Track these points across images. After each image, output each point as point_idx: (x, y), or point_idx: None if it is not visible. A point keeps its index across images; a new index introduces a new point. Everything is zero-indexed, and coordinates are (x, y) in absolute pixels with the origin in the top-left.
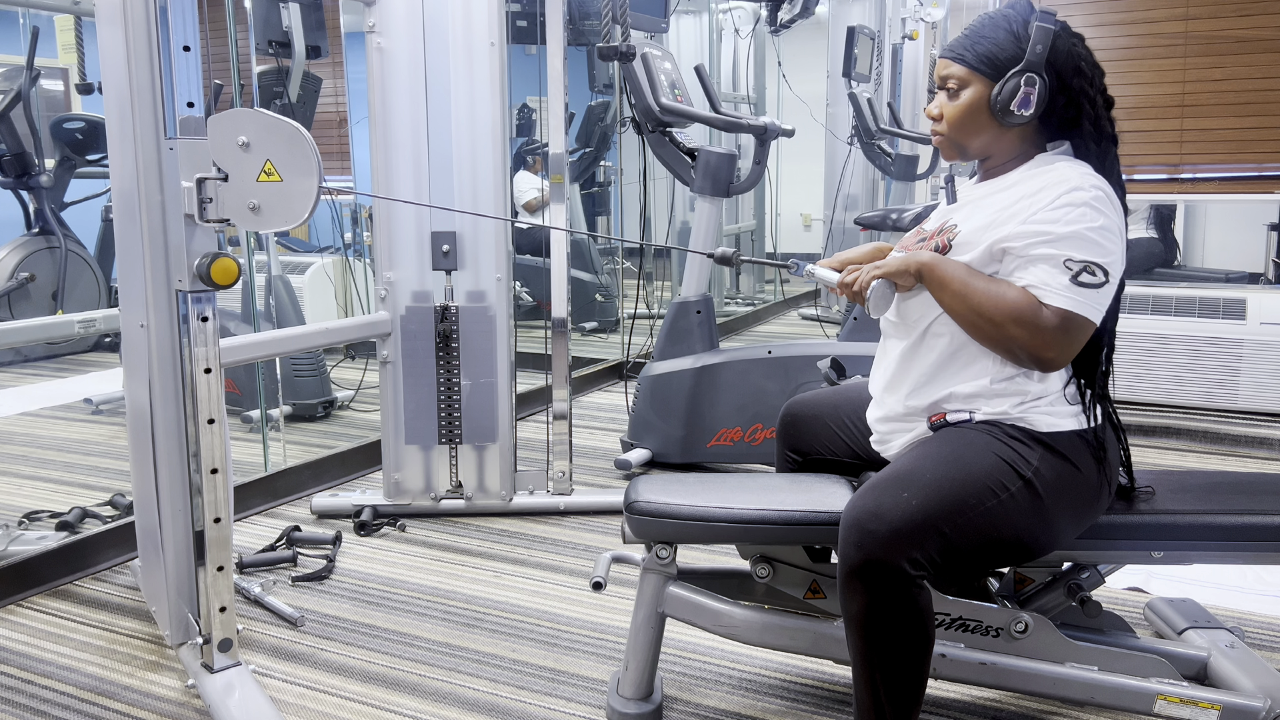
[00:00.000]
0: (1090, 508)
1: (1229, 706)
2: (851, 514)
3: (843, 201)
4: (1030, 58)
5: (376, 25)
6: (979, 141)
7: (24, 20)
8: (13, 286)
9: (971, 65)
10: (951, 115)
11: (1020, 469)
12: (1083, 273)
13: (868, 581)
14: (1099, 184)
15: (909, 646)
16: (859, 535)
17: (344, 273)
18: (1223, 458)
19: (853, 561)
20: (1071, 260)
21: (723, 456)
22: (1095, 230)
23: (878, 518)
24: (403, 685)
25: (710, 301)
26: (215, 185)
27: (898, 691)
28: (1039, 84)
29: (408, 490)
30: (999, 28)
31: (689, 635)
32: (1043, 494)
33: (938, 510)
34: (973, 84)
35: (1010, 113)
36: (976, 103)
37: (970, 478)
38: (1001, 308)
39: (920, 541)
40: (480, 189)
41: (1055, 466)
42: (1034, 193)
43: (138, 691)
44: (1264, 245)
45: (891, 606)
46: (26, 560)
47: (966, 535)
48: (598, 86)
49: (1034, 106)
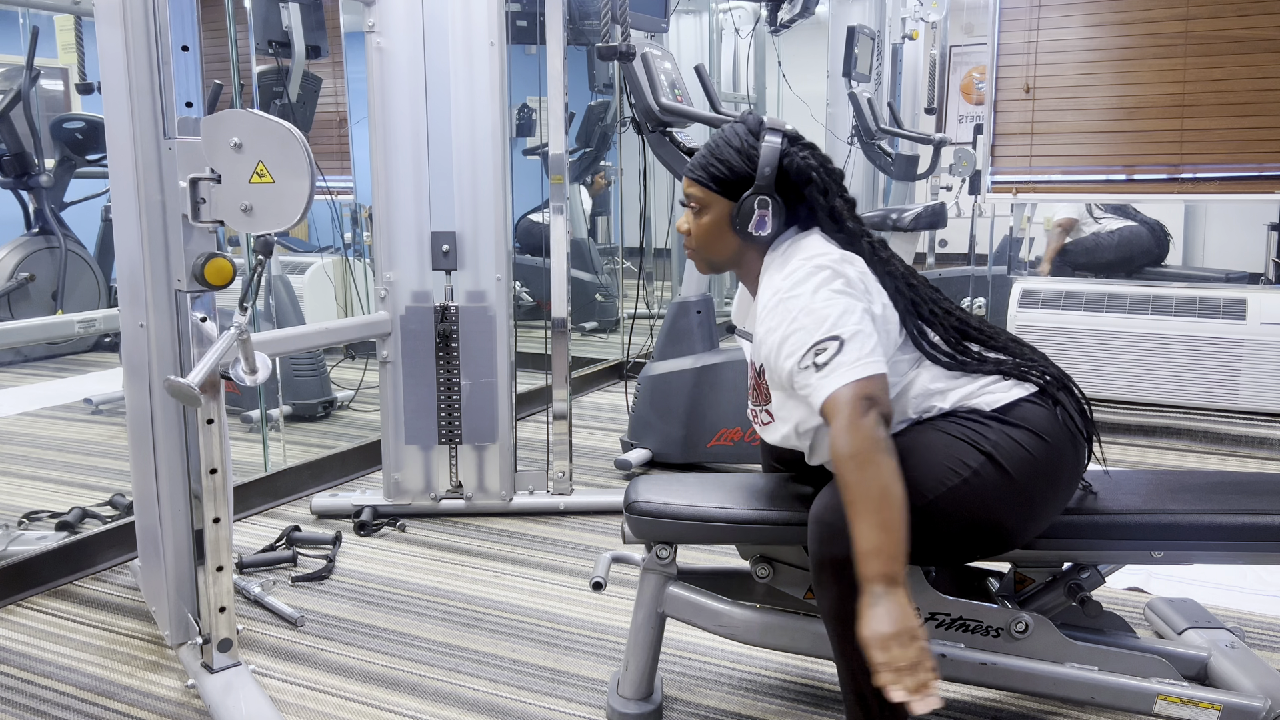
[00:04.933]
0: (1064, 474)
1: (1229, 706)
2: (816, 509)
3: None
4: (759, 181)
5: (376, 25)
6: (725, 254)
7: (24, 20)
8: (13, 286)
9: (709, 186)
10: (698, 234)
11: (980, 445)
12: (812, 355)
13: (835, 575)
14: (814, 250)
15: None
16: (823, 531)
17: (344, 273)
18: (1223, 458)
19: (819, 557)
20: (803, 364)
21: (723, 456)
22: (800, 314)
23: (837, 511)
24: (403, 685)
25: (710, 301)
26: (209, 186)
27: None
28: (771, 204)
29: (408, 490)
30: (730, 145)
31: (689, 635)
32: (1009, 468)
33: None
34: (713, 205)
35: (749, 234)
36: (719, 222)
37: (926, 461)
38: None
39: None
40: (480, 189)
41: (1016, 436)
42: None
43: (138, 691)
44: (1264, 245)
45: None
46: (26, 560)
47: (936, 523)
48: (598, 86)
49: (769, 226)
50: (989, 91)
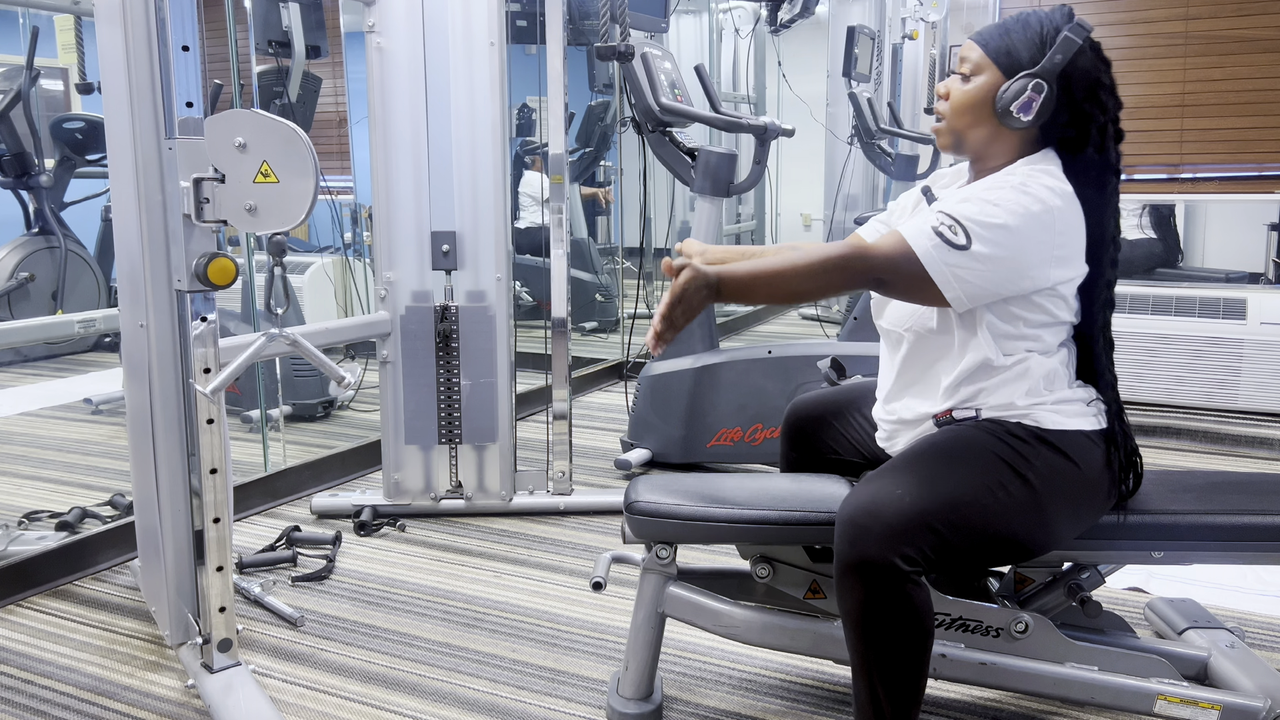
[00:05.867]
0: (1090, 508)
1: (1229, 706)
2: (845, 511)
3: (843, 201)
4: (1045, 64)
5: (376, 25)
6: (976, 135)
7: (24, 20)
8: (13, 286)
9: (990, 54)
10: (956, 99)
11: (1018, 467)
12: (943, 227)
13: (862, 578)
14: (1052, 186)
15: (906, 643)
16: (853, 532)
17: (344, 272)
18: (1223, 458)
19: (847, 558)
20: (943, 213)
21: (723, 456)
22: (994, 201)
23: (871, 514)
24: (403, 685)
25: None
26: (213, 186)
27: (896, 688)
28: (1045, 92)
29: (408, 490)
30: (1029, 27)
31: (689, 635)
32: (1040, 492)
33: (932, 507)
34: (985, 72)
35: (1009, 114)
36: (983, 93)
37: (966, 475)
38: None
39: (913, 538)
40: (480, 189)
41: (1055, 464)
42: (990, 181)
43: (138, 691)
44: (1264, 245)
45: (886, 603)
46: (26, 560)
47: (961, 532)
48: (598, 86)
49: (1033, 114)
50: None
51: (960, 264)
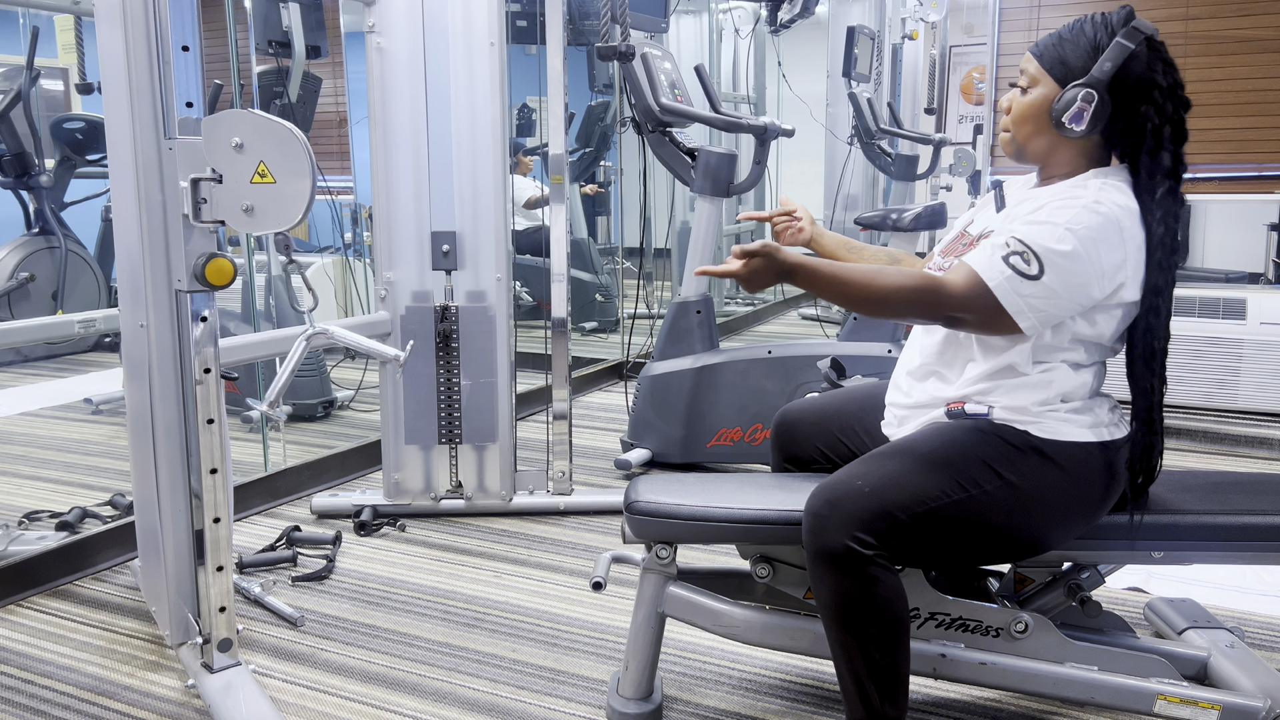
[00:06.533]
0: (1080, 514)
1: (1229, 706)
2: (809, 504)
3: (843, 201)
4: (1095, 73)
5: (376, 25)
6: (1036, 145)
7: (24, 20)
8: (13, 286)
9: (1044, 65)
10: (1016, 112)
11: (998, 467)
12: (1014, 255)
13: (828, 567)
14: (1123, 205)
15: (880, 627)
16: (813, 522)
17: (344, 273)
18: (1223, 458)
19: (811, 549)
20: (1015, 239)
21: (723, 456)
22: (1066, 225)
23: (830, 504)
24: (403, 685)
25: (710, 301)
26: (210, 187)
27: (880, 674)
28: (1096, 102)
29: (408, 490)
30: (1083, 35)
31: (689, 635)
32: (1023, 492)
33: (893, 497)
34: (1041, 84)
35: (1064, 125)
36: (1040, 105)
37: (936, 470)
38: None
39: (869, 524)
40: (480, 189)
41: (1041, 471)
42: (1057, 195)
43: (138, 691)
44: (1264, 245)
45: (854, 588)
46: (26, 560)
47: (925, 522)
48: (598, 86)
49: (1085, 123)
50: (989, 91)
51: (1034, 294)
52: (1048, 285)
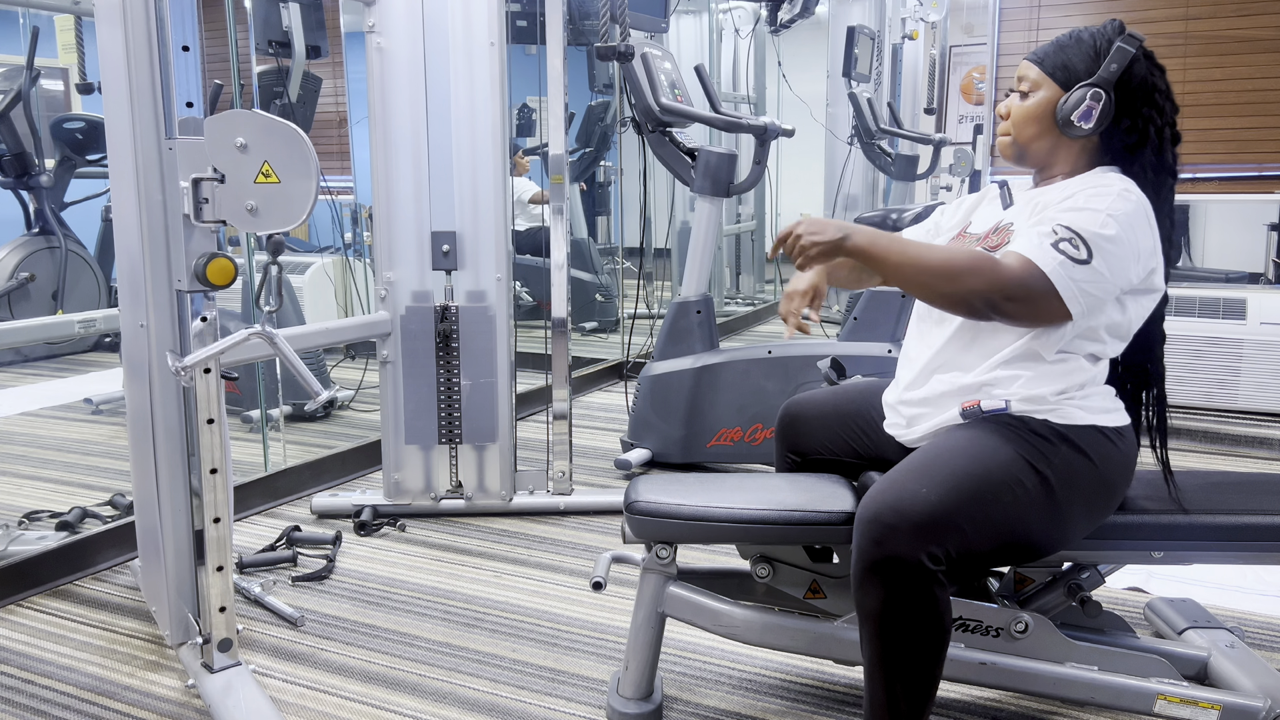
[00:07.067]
0: (1104, 507)
1: (1229, 706)
2: (870, 509)
3: (843, 201)
4: (1102, 74)
5: (376, 25)
6: (1039, 147)
7: (24, 20)
8: (13, 286)
9: (1046, 70)
10: (1017, 115)
11: (1037, 464)
12: (1063, 241)
13: (886, 577)
14: (1143, 198)
15: (927, 643)
16: (878, 530)
17: (344, 273)
18: (1223, 458)
19: (871, 557)
20: (1061, 225)
21: (723, 456)
22: (1107, 211)
23: (897, 512)
24: (403, 685)
25: (710, 301)
26: (212, 186)
27: (914, 688)
28: (1104, 100)
29: (408, 490)
30: (1082, 42)
31: (689, 635)
32: (1057, 490)
33: (956, 505)
34: (1043, 89)
35: (1071, 124)
36: (1043, 107)
37: (989, 472)
38: (953, 263)
39: (940, 536)
40: (480, 189)
41: (1073, 463)
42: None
43: (138, 691)
44: (1264, 245)
45: (910, 603)
46: (26, 560)
47: (984, 530)
48: (598, 86)
49: (1094, 121)
50: (989, 91)
51: (1085, 278)
52: (1096, 269)
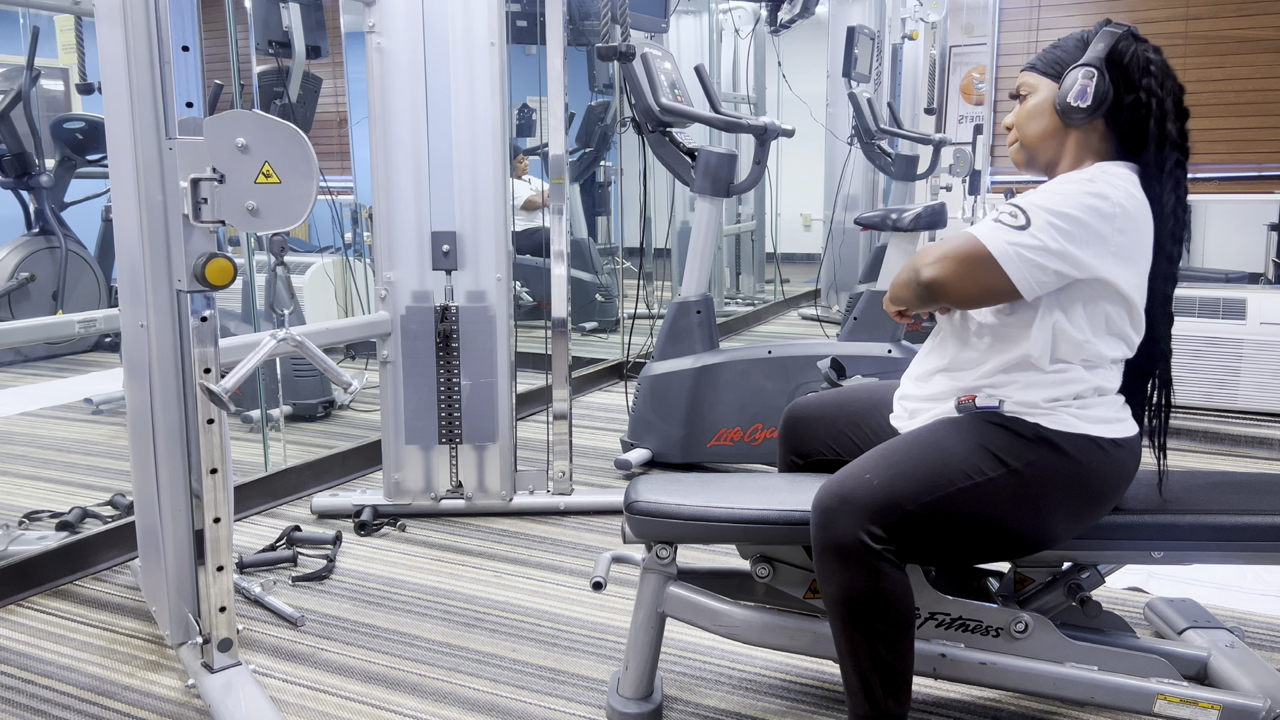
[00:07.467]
0: (1089, 510)
1: (1229, 706)
2: (817, 498)
3: (843, 201)
4: (1089, 54)
5: (376, 25)
6: (1046, 145)
7: (24, 20)
8: (13, 286)
9: (1040, 71)
10: (1020, 116)
11: (1004, 457)
12: (1005, 215)
13: (837, 561)
14: (1131, 193)
15: (887, 624)
16: (822, 516)
17: (344, 273)
18: (1223, 458)
19: (820, 543)
20: (1012, 204)
21: (723, 456)
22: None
23: (840, 497)
24: (403, 685)
25: (710, 301)
26: (211, 186)
27: (885, 672)
28: (1097, 77)
29: (408, 490)
30: (1070, 39)
31: (689, 635)
32: (1030, 483)
33: (902, 488)
34: (1040, 87)
35: (1070, 109)
36: (1043, 102)
37: (942, 459)
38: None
39: (880, 516)
40: (480, 189)
41: (1051, 462)
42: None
43: (138, 691)
44: (1264, 245)
45: (862, 584)
46: (26, 560)
47: (935, 512)
48: (598, 86)
49: (1090, 98)
50: (989, 91)
51: (1021, 242)
52: (1036, 236)
